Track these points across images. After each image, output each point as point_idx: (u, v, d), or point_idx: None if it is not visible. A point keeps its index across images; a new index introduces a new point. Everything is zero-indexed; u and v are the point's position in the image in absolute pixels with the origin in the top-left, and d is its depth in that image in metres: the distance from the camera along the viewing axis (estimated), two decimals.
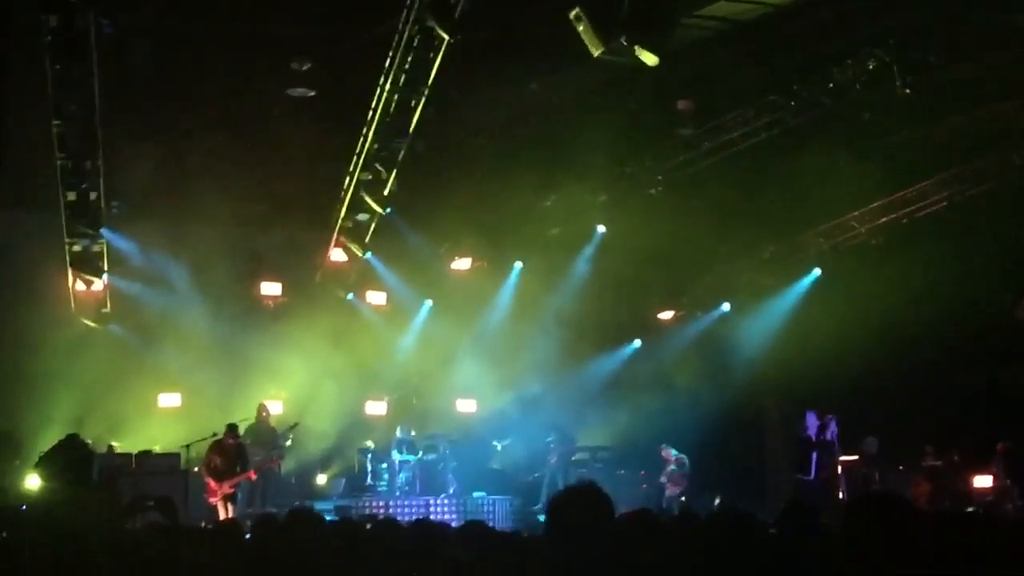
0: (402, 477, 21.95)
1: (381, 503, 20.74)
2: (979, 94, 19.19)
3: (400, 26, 16.82)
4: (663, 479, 22.38)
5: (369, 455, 22.35)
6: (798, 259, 24.63)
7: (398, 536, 6.93)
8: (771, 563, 5.93)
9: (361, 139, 19.33)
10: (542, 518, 10.38)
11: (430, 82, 17.71)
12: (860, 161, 20.38)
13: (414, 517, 19.49)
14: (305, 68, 18.52)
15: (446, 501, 21.32)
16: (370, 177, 20.05)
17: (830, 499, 18.86)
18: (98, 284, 20.55)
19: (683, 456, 22.39)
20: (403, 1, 16.50)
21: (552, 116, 20.06)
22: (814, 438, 19.42)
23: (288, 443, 21.37)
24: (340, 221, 21.41)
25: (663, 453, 22.53)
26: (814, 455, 19.22)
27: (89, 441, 18.01)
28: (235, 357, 22.14)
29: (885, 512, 4.78)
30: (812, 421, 19.50)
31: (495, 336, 24.18)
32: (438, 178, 20.48)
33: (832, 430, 19.48)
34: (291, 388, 22.44)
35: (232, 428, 19.11)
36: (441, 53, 17.00)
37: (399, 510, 20.27)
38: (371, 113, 18.69)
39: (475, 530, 7.22)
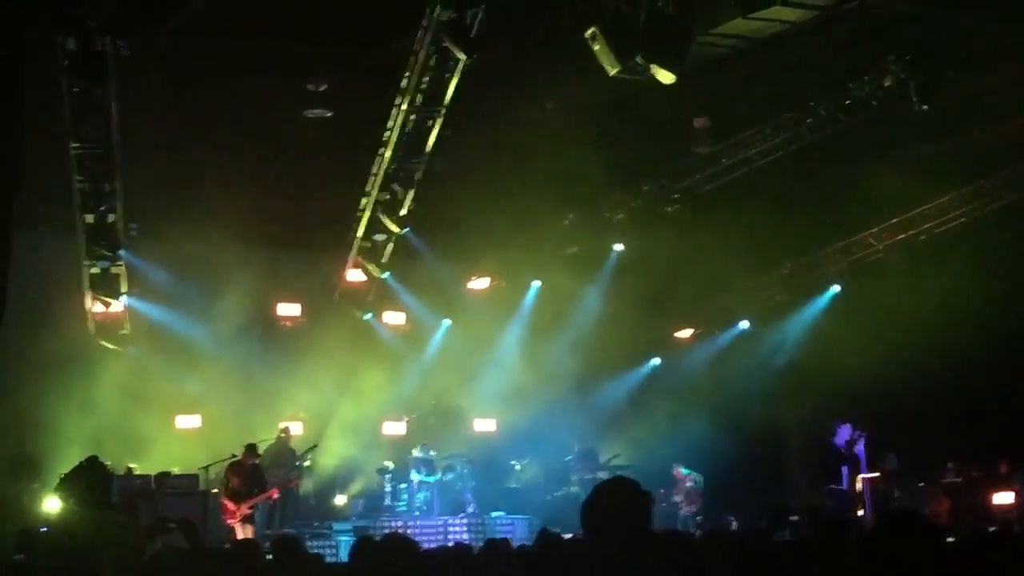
0: (421, 497, 21.89)
1: (400, 523, 20.64)
2: (996, 108, 19.18)
3: (416, 46, 16.86)
4: (677, 498, 22.32)
5: (388, 475, 22.28)
6: (817, 276, 24.58)
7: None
8: None
9: (378, 159, 19.38)
10: (566, 536, 10.26)
11: (447, 102, 17.76)
12: (878, 177, 20.32)
13: (433, 538, 19.58)
14: (322, 89, 18.54)
15: (465, 521, 21.27)
16: (387, 197, 20.14)
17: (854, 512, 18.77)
18: (116, 306, 20.62)
19: (696, 474, 22.36)
20: (419, 21, 16.55)
21: (569, 134, 20.05)
22: (841, 448, 19.25)
23: (307, 464, 21.34)
24: (358, 241, 21.45)
25: (675, 472, 22.51)
26: (844, 468, 19.05)
27: (108, 463, 18.10)
28: (253, 378, 22.15)
29: (907, 531, 4.74)
30: (845, 433, 19.24)
31: (513, 355, 24.15)
32: (455, 198, 20.45)
33: (860, 447, 19.30)
34: (309, 408, 22.43)
35: (251, 448, 19.09)
36: (457, 73, 17.03)
37: (418, 531, 20.18)
38: (388, 133, 18.73)
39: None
